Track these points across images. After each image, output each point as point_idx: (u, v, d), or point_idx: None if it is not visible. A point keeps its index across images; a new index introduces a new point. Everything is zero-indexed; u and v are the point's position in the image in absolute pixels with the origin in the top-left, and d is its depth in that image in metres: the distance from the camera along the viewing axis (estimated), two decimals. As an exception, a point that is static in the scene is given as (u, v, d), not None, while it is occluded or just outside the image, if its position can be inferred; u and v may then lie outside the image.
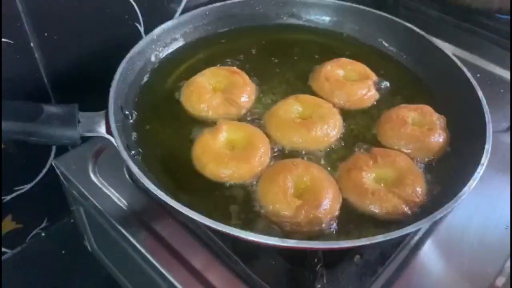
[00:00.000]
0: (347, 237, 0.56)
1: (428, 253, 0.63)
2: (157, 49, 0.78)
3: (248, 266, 0.58)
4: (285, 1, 0.89)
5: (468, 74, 0.72)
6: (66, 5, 0.68)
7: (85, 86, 0.75)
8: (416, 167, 0.63)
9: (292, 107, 0.69)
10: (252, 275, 0.57)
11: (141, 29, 0.80)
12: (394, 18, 0.85)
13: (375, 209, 0.58)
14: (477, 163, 0.59)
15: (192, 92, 0.71)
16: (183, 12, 0.85)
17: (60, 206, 0.82)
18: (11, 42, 0.64)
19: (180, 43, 0.82)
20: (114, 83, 0.64)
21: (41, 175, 0.81)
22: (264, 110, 0.71)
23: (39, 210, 0.86)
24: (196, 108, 0.70)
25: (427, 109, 0.70)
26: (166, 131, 0.68)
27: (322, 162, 0.65)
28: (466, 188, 0.56)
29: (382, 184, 0.61)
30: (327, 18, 0.90)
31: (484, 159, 0.59)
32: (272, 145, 0.66)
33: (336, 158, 0.65)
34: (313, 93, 0.75)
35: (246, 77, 0.74)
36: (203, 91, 0.71)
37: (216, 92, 0.71)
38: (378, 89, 0.76)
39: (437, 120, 0.69)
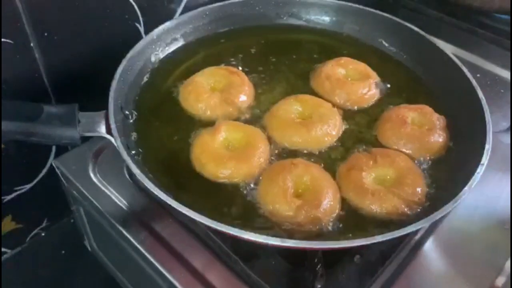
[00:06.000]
0: (347, 237, 0.56)
1: (428, 253, 0.63)
2: (157, 49, 0.78)
3: (248, 266, 0.58)
4: (285, 1, 0.89)
5: (468, 74, 0.72)
6: (66, 5, 0.68)
7: (85, 86, 0.75)
8: (416, 167, 0.63)
9: (292, 107, 0.69)
10: (252, 275, 0.57)
11: (141, 29, 0.80)
12: (394, 18, 0.85)
13: (375, 209, 0.58)
14: (477, 163, 0.59)
15: (190, 92, 0.71)
16: (183, 12, 0.85)
17: (60, 206, 0.82)
18: (11, 42, 0.64)
19: (180, 43, 0.82)
20: (114, 83, 0.64)
21: (41, 175, 0.81)
22: (263, 110, 0.71)
23: (39, 210, 0.86)
24: (194, 107, 0.70)
25: (427, 109, 0.70)
26: (166, 131, 0.68)
27: (322, 162, 0.65)
28: (466, 188, 0.56)
29: (382, 184, 0.61)
30: (327, 18, 0.90)
31: (484, 159, 0.59)
32: (271, 145, 0.66)
33: (336, 158, 0.65)
34: (313, 93, 0.75)
35: (245, 77, 0.74)
36: (201, 90, 0.71)
37: (214, 91, 0.71)
38: (379, 89, 0.76)
39: (437, 120, 0.68)
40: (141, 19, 0.79)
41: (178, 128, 0.68)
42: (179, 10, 0.85)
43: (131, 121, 0.68)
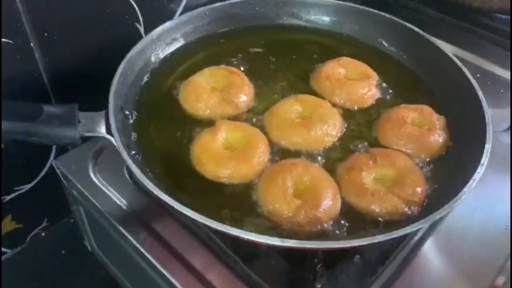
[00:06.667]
0: (347, 237, 0.56)
1: (428, 253, 0.63)
2: (157, 49, 0.78)
3: (248, 266, 0.58)
4: (285, 1, 0.89)
5: (468, 74, 0.72)
6: (66, 5, 0.68)
7: (85, 86, 0.75)
8: (416, 167, 0.63)
9: (292, 107, 0.69)
10: (252, 275, 0.57)
11: (141, 29, 0.80)
12: (394, 18, 0.85)
13: (375, 209, 0.58)
14: (477, 163, 0.59)
15: (190, 91, 0.71)
16: (183, 12, 0.85)
17: (60, 206, 0.82)
18: (11, 42, 0.64)
19: (180, 43, 0.82)
20: (114, 83, 0.64)
21: (41, 175, 0.81)
22: (263, 110, 0.71)
23: (39, 210, 0.86)
24: (194, 107, 0.70)
25: (427, 109, 0.70)
26: (166, 131, 0.68)
27: (322, 162, 0.65)
28: (466, 188, 0.55)
29: (382, 184, 0.61)
30: (327, 18, 0.90)
31: (484, 159, 0.59)
32: (271, 145, 0.66)
33: (336, 158, 0.65)
34: (313, 93, 0.75)
35: (245, 77, 0.74)
36: (201, 90, 0.71)
37: (214, 91, 0.71)
38: (379, 89, 0.76)
39: (437, 120, 0.69)
40: (141, 19, 0.79)
41: (178, 128, 0.68)
42: (179, 10, 0.85)
43: (131, 121, 0.68)
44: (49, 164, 0.80)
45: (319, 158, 0.65)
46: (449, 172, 0.63)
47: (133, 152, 0.62)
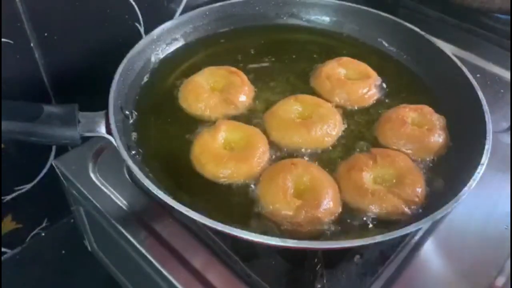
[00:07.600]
0: (347, 237, 0.56)
1: (428, 253, 0.63)
2: (157, 49, 0.78)
3: (248, 266, 0.58)
4: (285, 1, 0.89)
5: (468, 74, 0.72)
6: (66, 5, 0.68)
7: (85, 86, 0.75)
8: (416, 167, 0.63)
9: (292, 107, 0.69)
10: (252, 275, 0.57)
11: (141, 29, 0.80)
12: (394, 18, 0.85)
13: (375, 209, 0.58)
14: (477, 163, 0.59)
15: (189, 91, 0.71)
16: (183, 12, 0.86)
17: (60, 206, 0.83)
18: (11, 42, 0.64)
19: (180, 43, 0.82)
20: (114, 83, 0.64)
21: (41, 175, 0.81)
22: (263, 110, 0.71)
23: (39, 210, 0.86)
24: (194, 107, 0.70)
25: (427, 109, 0.70)
26: (166, 131, 0.68)
27: (322, 162, 0.65)
28: (466, 188, 0.56)
29: (382, 184, 0.61)
30: (327, 18, 0.90)
31: (484, 159, 0.59)
32: (271, 145, 0.66)
33: (336, 158, 0.65)
34: (313, 92, 0.75)
35: (245, 77, 0.74)
36: (201, 90, 0.71)
37: (214, 91, 0.71)
38: (379, 89, 0.76)
39: (437, 120, 0.69)
40: (141, 19, 0.79)
41: (178, 128, 0.68)
42: (179, 10, 0.86)
43: (131, 121, 0.68)
44: (49, 164, 0.80)
45: (319, 158, 0.65)
46: (449, 172, 0.63)
47: (133, 152, 0.62)
